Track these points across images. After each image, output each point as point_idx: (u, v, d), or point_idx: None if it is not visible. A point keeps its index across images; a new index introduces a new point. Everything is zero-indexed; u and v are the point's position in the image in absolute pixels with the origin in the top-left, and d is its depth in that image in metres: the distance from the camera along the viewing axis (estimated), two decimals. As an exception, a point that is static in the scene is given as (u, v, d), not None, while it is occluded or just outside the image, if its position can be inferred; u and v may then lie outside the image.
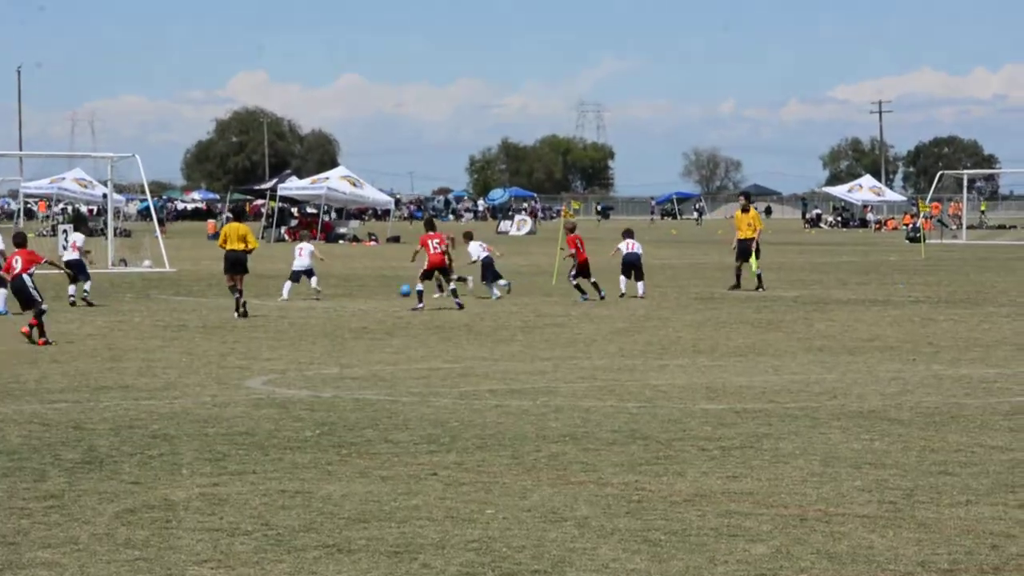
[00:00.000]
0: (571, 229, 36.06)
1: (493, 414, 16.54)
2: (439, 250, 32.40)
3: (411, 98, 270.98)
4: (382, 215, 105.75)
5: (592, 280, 34.85)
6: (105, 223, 60.36)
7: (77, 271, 33.98)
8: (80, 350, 23.52)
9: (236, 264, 30.58)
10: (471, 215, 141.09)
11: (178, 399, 17.75)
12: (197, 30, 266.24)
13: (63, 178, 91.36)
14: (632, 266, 36.07)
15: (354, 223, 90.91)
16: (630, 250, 36.21)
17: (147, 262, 51.02)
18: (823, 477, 12.75)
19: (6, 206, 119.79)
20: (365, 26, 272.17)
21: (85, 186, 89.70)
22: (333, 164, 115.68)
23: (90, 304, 33.15)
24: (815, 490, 12.18)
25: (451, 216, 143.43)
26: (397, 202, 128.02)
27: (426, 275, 32.41)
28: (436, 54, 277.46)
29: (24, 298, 25.41)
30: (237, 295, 30.04)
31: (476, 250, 36.41)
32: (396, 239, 79.52)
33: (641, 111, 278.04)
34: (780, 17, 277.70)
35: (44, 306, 25.21)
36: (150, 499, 11.68)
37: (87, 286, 33.83)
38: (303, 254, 35.75)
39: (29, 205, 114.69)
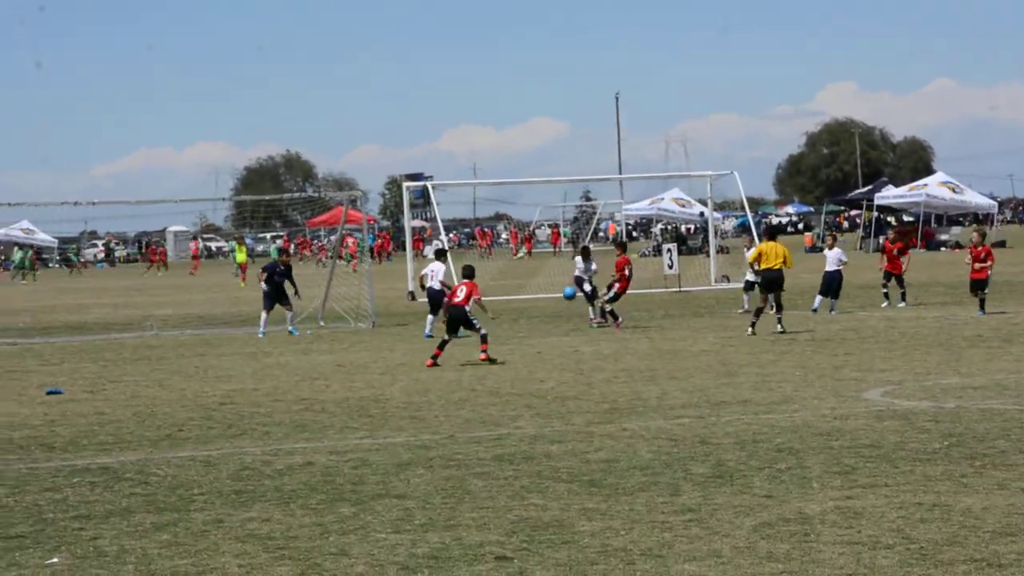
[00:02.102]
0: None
1: None
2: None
3: (1005, 100, 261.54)
4: (983, 220, 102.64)
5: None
6: (704, 241, 61.39)
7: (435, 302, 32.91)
8: (695, 366, 23.93)
9: (775, 283, 30.33)
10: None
11: (797, 412, 17.72)
12: (783, 46, 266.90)
13: (661, 198, 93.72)
14: None
15: (956, 229, 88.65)
16: None
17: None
18: None
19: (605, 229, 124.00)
20: (956, 29, 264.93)
21: (683, 205, 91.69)
22: (927, 171, 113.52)
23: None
24: None
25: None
26: (1000, 205, 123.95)
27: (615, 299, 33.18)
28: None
29: (463, 322, 26.22)
30: (778, 314, 29.98)
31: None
32: (1001, 244, 76.93)
33: None
34: None
35: (483, 331, 26.03)
36: (785, 512, 11.68)
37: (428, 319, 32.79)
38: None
39: (630, 226, 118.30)
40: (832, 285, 34.85)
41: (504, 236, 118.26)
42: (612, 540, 10.93)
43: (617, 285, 33.26)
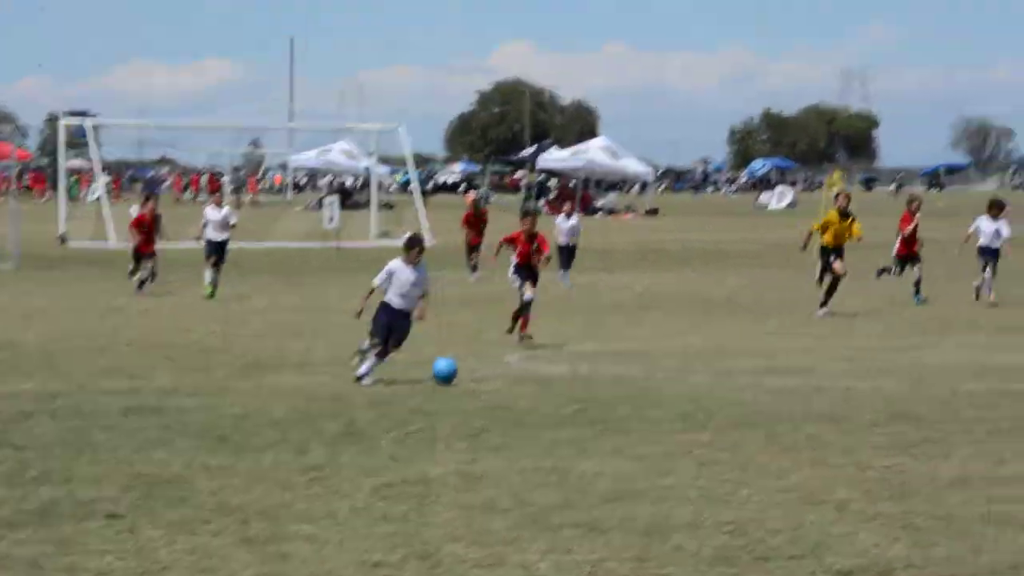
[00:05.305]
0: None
1: (750, 392, 16.32)
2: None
3: (677, 66, 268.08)
4: (642, 187, 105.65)
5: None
6: (369, 195, 61.44)
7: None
8: (342, 323, 23.90)
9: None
10: (730, 187, 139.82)
11: (437, 373, 17.86)
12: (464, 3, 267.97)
13: (329, 150, 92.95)
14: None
15: (612, 195, 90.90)
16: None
17: (408, 234, 51.72)
18: (1097, 463, 12.24)
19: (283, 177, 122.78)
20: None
21: (351, 157, 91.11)
22: (593, 134, 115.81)
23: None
24: (1088, 477, 11.70)
25: (710, 188, 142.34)
26: (663, 174, 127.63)
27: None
28: (703, 18, 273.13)
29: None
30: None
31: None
32: (654, 212, 79.31)
33: (909, 79, 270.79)
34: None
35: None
36: (408, 474, 11.79)
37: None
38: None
39: (297, 178, 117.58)
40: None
41: (168, 183, 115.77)
42: (230, 498, 10.85)
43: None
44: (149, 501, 10.72)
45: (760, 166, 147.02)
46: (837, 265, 25.45)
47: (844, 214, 25.79)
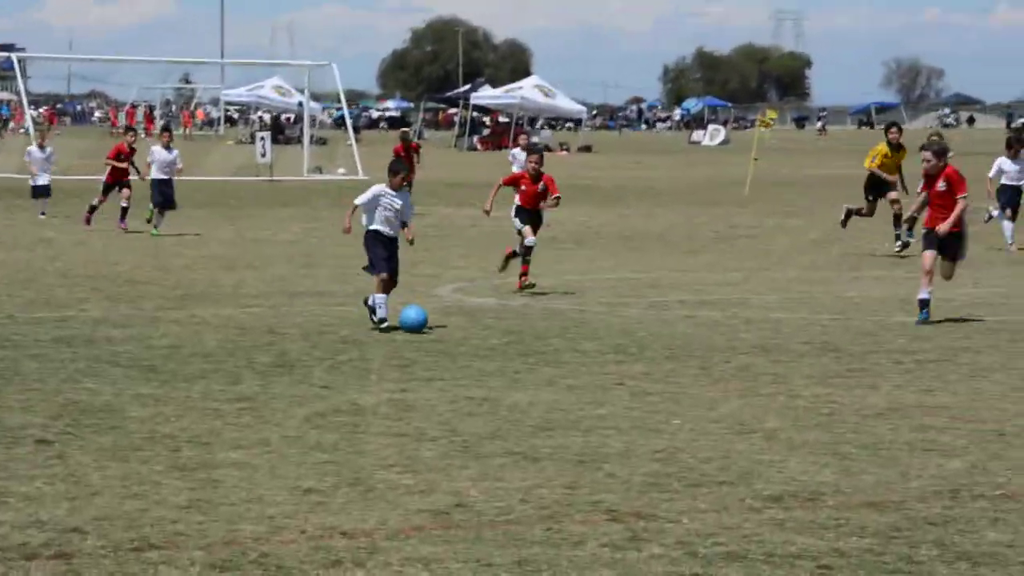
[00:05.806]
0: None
1: (682, 325, 16.39)
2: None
3: (611, 5, 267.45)
4: (575, 125, 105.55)
5: None
6: (302, 131, 61.10)
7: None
8: (277, 255, 23.84)
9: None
10: (664, 124, 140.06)
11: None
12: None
13: (261, 86, 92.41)
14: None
15: (546, 133, 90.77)
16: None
17: (341, 170, 51.57)
18: None
19: (207, 113, 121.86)
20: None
21: (283, 94, 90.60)
22: (527, 73, 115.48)
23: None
24: (1015, 405, 11.84)
25: (644, 126, 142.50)
26: (596, 112, 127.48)
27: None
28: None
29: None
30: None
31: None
32: (588, 148, 79.34)
33: (841, 19, 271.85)
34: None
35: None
36: (339, 403, 11.77)
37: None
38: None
39: (230, 113, 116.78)
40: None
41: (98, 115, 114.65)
42: (161, 426, 10.80)
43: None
44: (79, 428, 10.65)
45: (693, 105, 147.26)
46: (892, 195, 25.41)
47: (897, 147, 25.58)
